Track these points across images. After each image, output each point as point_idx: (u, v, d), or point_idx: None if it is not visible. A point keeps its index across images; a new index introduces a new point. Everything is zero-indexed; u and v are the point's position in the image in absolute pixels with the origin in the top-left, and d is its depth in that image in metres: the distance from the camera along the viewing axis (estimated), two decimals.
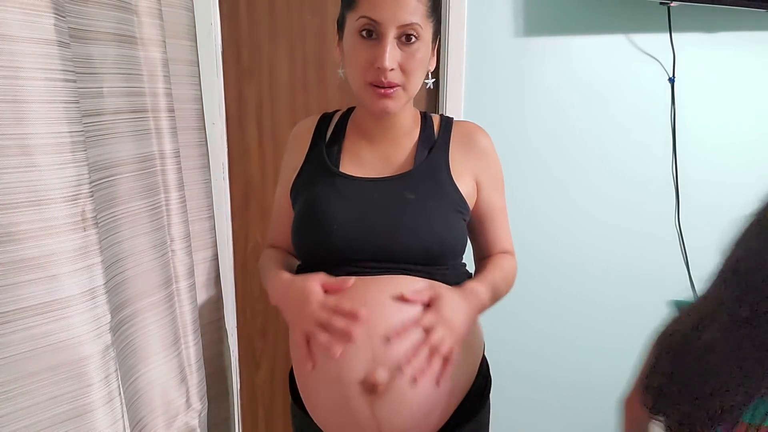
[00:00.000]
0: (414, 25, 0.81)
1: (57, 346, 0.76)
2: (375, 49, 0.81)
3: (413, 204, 0.86)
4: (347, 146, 0.95)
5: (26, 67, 0.70)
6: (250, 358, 1.77)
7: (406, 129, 0.94)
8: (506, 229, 1.01)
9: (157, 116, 1.01)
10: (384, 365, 0.76)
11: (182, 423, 1.10)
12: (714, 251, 1.92)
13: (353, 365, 0.77)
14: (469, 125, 0.98)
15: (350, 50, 0.84)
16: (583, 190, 1.67)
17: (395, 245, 0.84)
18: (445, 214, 0.87)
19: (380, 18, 0.79)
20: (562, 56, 1.58)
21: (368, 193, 0.88)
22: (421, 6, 0.81)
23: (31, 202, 0.72)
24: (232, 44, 1.57)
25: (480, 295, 0.87)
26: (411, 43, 0.82)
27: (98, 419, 0.81)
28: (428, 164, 0.91)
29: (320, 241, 0.87)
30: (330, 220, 0.86)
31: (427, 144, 0.93)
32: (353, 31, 0.83)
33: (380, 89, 0.83)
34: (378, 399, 0.76)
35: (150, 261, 1.01)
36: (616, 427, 0.93)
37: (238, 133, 1.62)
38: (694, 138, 1.67)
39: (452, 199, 0.89)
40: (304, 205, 0.90)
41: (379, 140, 0.94)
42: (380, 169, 0.92)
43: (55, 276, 0.75)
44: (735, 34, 1.61)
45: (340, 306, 0.78)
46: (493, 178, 0.97)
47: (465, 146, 0.94)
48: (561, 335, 1.77)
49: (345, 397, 0.77)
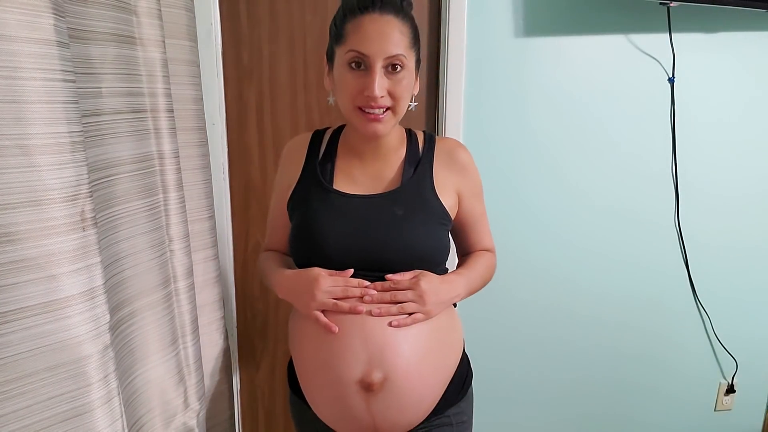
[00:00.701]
0: (399, 56, 0.89)
1: (56, 346, 0.76)
2: (364, 79, 0.89)
3: (401, 219, 0.95)
4: (339, 164, 1.03)
5: (25, 67, 0.70)
6: (250, 358, 1.77)
7: (393, 147, 1.03)
8: (486, 230, 1.12)
9: (156, 116, 1.02)
10: (378, 368, 0.88)
11: (180, 423, 1.10)
12: (714, 251, 1.94)
13: (352, 367, 0.89)
14: (450, 142, 1.07)
15: (341, 80, 0.92)
16: (583, 189, 1.67)
17: (386, 257, 0.94)
18: (430, 227, 0.97)
19: (368, 51, 0.87)
20: (562, 56, 1.58)
21: (361, 210, 0.97)
22: (404, 38, 0.89)
23: (31, 202, 0.72)
24: (232, 44, 1.57)
25: (456, 286, 0.99)
26: (397, 72, 0.90)
27: (97, 419, 0.81)
28: (415, 181, 1.00)
29: (317, 254, 0.96)
30: (326, 235, 0.95)
31: (413, 161, 1.02)
32: (343, 63, 0.91)
33: (370, 114, 0.91)
34: (373, 396, 0.89)
35: (148, 261, 1.01)
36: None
37: (238, 134, 1.62)
38: (694, 138, 1.67)
39: (436, 213, 0.99)
40: (302, 219, 0.99)
41: (368, 158, 1.02)
42: (370, 186, 1.00)
43: (55, 276, 0.75)
44: (735, 34, 1.61)
45: (350, 282, 0.92)
46: (473, 188, 1.06)
47: (447, 162, 1.03)
48: (561, 336, 1.77)
49: (344, 395, 0.89)
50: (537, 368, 1.79)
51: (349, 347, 0.89)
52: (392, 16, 0.88)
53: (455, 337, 1.01)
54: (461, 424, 1.04)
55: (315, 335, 0.93)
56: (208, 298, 1.26)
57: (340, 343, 0.90)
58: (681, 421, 1.90)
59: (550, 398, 1.82)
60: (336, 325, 0.90)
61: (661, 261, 1.75)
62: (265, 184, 1.66)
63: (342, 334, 0.90)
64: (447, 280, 0.98)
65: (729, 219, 1.74)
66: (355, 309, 0.90)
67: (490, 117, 1.60)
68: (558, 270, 1.71)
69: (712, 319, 1.80)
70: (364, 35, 0.87)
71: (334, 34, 0.94)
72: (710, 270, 1.77)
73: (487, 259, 1.10)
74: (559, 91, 1.60)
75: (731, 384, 1.88)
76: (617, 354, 1.81)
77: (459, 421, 1.03)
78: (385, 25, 0.88)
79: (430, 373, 0.93)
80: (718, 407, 1.90)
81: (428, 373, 0.93)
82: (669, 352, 1.82)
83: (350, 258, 0.94)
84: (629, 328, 1.79)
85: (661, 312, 1.79)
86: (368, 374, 0.88)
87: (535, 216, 1.66)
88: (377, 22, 0.87)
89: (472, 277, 1.04)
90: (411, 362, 0.90)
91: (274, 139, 1.64)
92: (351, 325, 0.90)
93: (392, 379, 0.88)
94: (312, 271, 0.94)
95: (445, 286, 0.96)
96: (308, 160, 1.04)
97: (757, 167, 1.72)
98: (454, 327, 1.02)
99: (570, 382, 1.81)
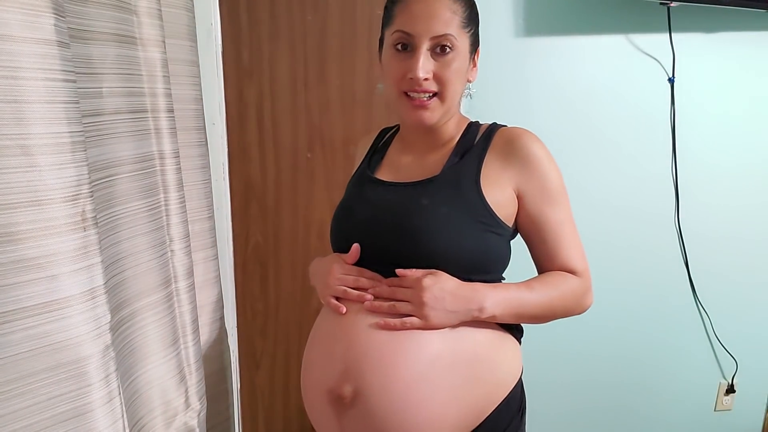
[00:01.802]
0: (447, 36, 0.81)
1: (57, 346, 0.76)
2: (409, 61, 0.82)
3: (424, 209, 0.83)
4: (390, 155, 0.99)
5: (26, 67, 0.70)
6: (250, 358, 1.77)
7: (446, 138, 0.93)
8: (567, 244, 0.89)
9: (157, 116, 1.01)
10: (351, 380, 0.77)
11: (181, 423, 1.10)
12: (714, 251, 1.94)
13: (326, 374, 0.80)
14: (514, 130, 0.91)
15: (386, 63, 0.87)
16: (583, 189, 1.67)
17: (394, 248, 0.84)
18: (457, 222, 0.82)
19: (413, 31, 0.81)
20: (562, 56, 1.58)
21: (386, 197, 0.89)
22: (456, 17, 0.82)
23: (31, 202, 0.72)
24: (232, 44, 1.57)
25: (480, 297, 0.80)
26: (445, 54, 0.82)
27: (98, 419, 0.81)
28: (455, 170, 0.87)
29: (338, 236, 0.94)
30: (347, 219, 0.92)
31: (462, 151, 0.90)
32: (389, 45, 0.86)
33: (415, 100, 0.83)
34: (344, 411, 0.78)
35: (149, 261, 1.01)
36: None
37: (238, 133, 1.62)
38: (694, 138, 1.67)
39: (471, 208, 0.84)
40: (339, 204, 0.98)
41: (418, 150, 0.94)
42: (412, 175, 0.90)
43: (55, 276, 0.75)
44: (735, 34, 1.61)
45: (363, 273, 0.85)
46: (540, 187, 0.87)
47: (505, 153, 0.88)
48: (560, 335, 1.77)
49: (318, 402, 0.82)
50: (536, 368, 1.79)
51: (330, 352, 0.81)
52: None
53: (497, 371, 0.83)
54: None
55: (314, 333, 0.90)
56: (208, 298, 1.26)
57: (324, 345, 0.84)
58: (681, 420, 1.90)
59: (549, 397, 1.82)
60: (327, 320, 0.86)
61: (661, 261, 1.75)
62: (265, 184, 1.66)
63: (329, 335, 0.83)
64: (470, 287, 0.80)
65: (729, 219, 1.75)
66: (363, 297, 0.82)
67: (490, 117, 1.59)
68: None
69: (712, 319, 1.80)
70: (411, 14, 0.81)
71: (384, 18, 0.88)
72: (710, 270, 1.77)
73: (566, 281, 0.87)
74: (559, 91, 1.60)
75: (731, 384, 1.88)
76: (617, 354, 1.81)
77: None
78: (433, 2, 0.81)
79: (429, 404, 0.76)
80: (718, 407, 1.90)
81: (426, 402, 0.76)
82: (669, 352, 1.82)
83: (367, 246, 0.86)
84: (629, 328, 1.79)
85: (662, 312, 1.79)
86: (338, 385, 0.78)
87: None
88: (425, 1, 0.81)
89: (525, 296, 0.83)
90: (394, 380, 0.75)
91: (274, 139, 1.64)
92: (340, 327, 0.82)
93: (365, 396, 0.76)
94: (330, 258, 0.91)
95: (460, 292, 0.79)
96: (368, 153, 1.03)
97: (757, 167, 1.72)
98: (496, 357, 0.83)
99: (570, 381, 1.81)
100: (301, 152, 1.65)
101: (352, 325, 0.81)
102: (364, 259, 0.87)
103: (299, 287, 1.73)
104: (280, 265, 1.72)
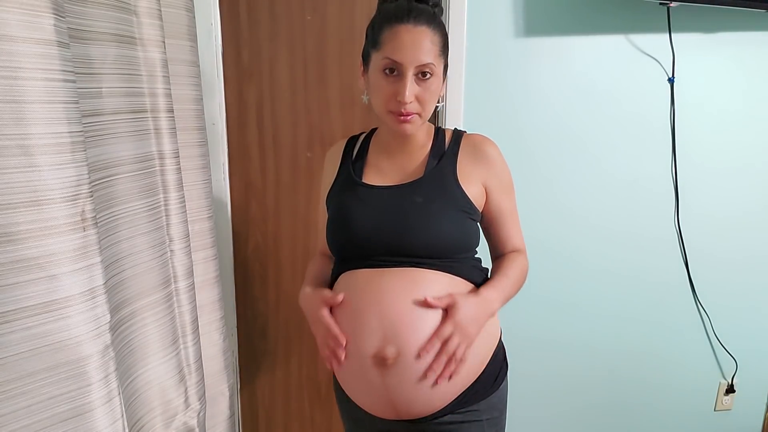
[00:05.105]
0: (429, 65, 0.95)
1: (56, 346, 0.76)
2: (396, 85, 0.96)
3: (420, 206, 1.00)
4: (370, 160, 1.11)
5: (26, 67, 0.70)
6: (250, 358, 1.78)
7: (420, 143, 1.08)
8: (516, 228, 1.13)
9: (157, 116, 1.02)
10: (392, 343, 0.93)
11: (181, 423, 1.10)
12: (714, 251, 1.94)
13: (368, 342, 0.94)
14: (477, 137, 1.10)
15: (375, 84, 0.99)
16: (583, 190, 1.67)
17: (403, 241, 0.98)
18: (448, 213, 1.00)
19: (401, 60, 0.94)
20: (562, 56, 1.58)
21: (384, 199, 1.03)
22: (435, 47, 0.96)
23: (31, 202, 0.72)
24: (232, 44, 1.57)
25: (492, 304, 1.01)
26: (426, 79, 0.96)
27: (97, 419, 0.81)
28: (436, 171, 1.04)
29: (345, 240, 1.03)
30: (351, 223, 1.02)
31: (438, 154, 1.07)
32: (378, 68, 0.97)
33: (400, 116, 0.97)
34: (387, 371, 0.94)
35: (149, 261, 1.01)
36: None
37: (238, 134, 1.63)
38: (693, 138, 1.67)
39: (457, 201, 1.02)
40: (333, 211, 1.07)
41: (396, 154, 1.08)
42: (396, 178, 1.06)
43: (55, 276, 0.75)
44: (734, 34, 1.61)
45: (332, 330, 0.97)
46: (500, 182, 1.08)
47: (472, 155, 1.06)
48: (560, 336, 1.77)
49: (362, 368, 0.95)
50: (536, 367, 1.79)
51: (366, 322, 0.95)
52: (425, 26, 0.95)
53: (488, 329, 1.02)
54: (491, 420, 1.04)
55: (340, 314, 0.99)
56: (208, 298, 1.26)
57: (358, 318, 0.96)
58: (681, 420, 1.90)
59: (550, 396, 1.82)
60: (354, 301, 0.97)
61: (661, 261, 1.75)
62: (265, 184, 1.66)
63: (360, 309, 0.96)
64: (483, 299, 0.99)
65: (729, 219, 1.74)
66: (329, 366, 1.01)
67: (490, 117, 1.60)
68: (557, 270, 1.71)
69: (712, 319, 1.80)
70: (399, 44, 0.94)
71: (371, 38, 1.00)
72: (710, 270, 1.77)
73: (519, 263, 1.10)
74: (558, 91, 1.60)
75: (731, 384, 1.88)
76: (617, 354, 1.81)
77: (489, 416, 1.03)
78: (417, 35, 0.94)
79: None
80: (718, 407, 1.90)
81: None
82: (669, 351, 1.82)
83: (375, 244, 0.99)
84: (629, 328, 1.79)
85: (661, 312, 1.79)
86: (382, 348, 0.93)
87: (534, 215, 1.66)
88: (411, 33, 0.94)
89: (507, 286, 1.05)
90: (426, 338, 0.93)
91: (274, 139, 1.64)
92: (368, 301, 0.96)
93: (406, 354, 0.92)
94: (314, 300, 1.02)
95: (481, 308, 0.98)
96: (343, 161, 1.13)
97: (757, 167, 1.72)
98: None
99: (570, 380, 1.81)
100: (301, 152, 1.65)
101: (380, 299, 0.95)
102: (371, 255, 1.00)
103: (299, 287, 1.72)
104: (280, 265, 1.72)
